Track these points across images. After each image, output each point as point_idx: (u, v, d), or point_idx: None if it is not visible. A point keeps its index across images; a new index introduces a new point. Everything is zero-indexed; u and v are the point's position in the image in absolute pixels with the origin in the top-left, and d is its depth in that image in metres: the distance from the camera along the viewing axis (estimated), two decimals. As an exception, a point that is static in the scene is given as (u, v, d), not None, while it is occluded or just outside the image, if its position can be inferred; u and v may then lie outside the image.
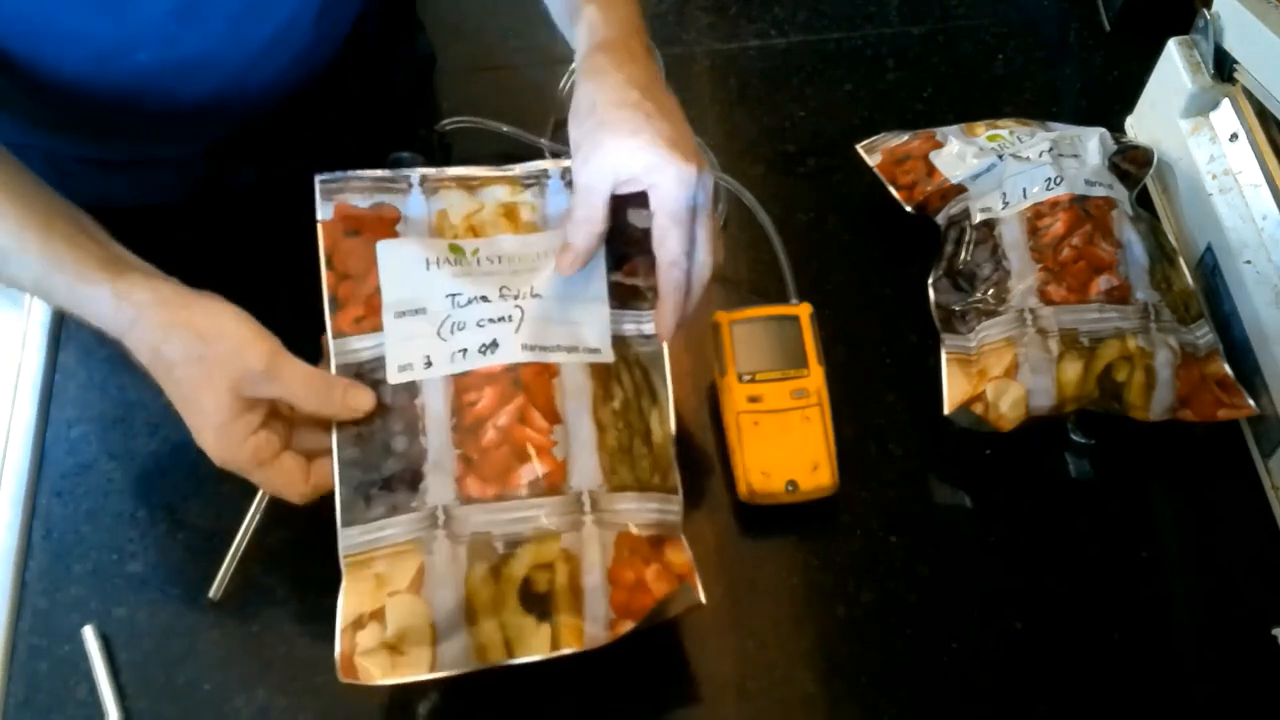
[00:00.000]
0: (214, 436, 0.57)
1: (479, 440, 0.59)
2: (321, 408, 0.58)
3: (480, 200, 0.65)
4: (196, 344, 0.56)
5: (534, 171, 0.66)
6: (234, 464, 0.57)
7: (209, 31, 0.67)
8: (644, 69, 0.62)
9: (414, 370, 0.60)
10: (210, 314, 0.58)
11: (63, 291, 0.58)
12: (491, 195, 0.65)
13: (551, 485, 0.58)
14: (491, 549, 0.57)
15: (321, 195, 0.64)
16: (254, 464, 0.57)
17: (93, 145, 0.74)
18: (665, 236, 0.59)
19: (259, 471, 0.58)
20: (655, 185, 0.59)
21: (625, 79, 0.61)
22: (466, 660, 0.56)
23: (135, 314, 0.57)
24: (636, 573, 0.58)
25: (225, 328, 0.57)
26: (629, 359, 0.63)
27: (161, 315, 0.57)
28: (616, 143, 0.59)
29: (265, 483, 0.59)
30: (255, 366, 0.56)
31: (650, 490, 0.60)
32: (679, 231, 0.59)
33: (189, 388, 0.57)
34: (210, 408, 0.56)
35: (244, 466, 0.57)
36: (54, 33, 0.64)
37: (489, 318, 0.61)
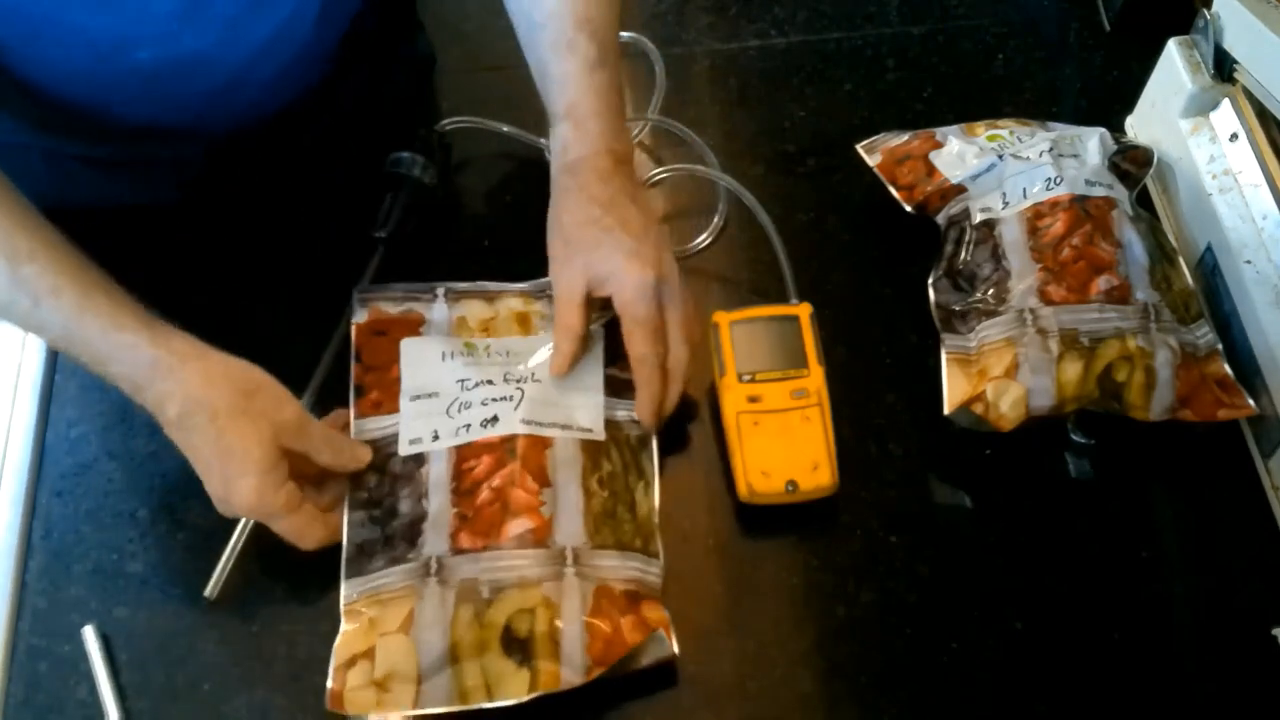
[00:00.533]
0: (256, 482, 0.60)
1: (474, 499, 0.63)
2: (335, 459, 0.64)
3: (496, 309, 0.73)
4: (240, 397, 0.60)
5: (544, 285, 0.73)
6: (267, 509, 0.61)
7: (209, 30, 0.66)
8: (608, 185, 0.67)
9: (423, 444, 0.66)
10: (246, 370, 0.62)
11: (95, 339, 0.59)
12: (506, 305, 0.73)
13: (537, 539, 0.62)
14: (477, 594, 0.61)
15: (358, 303, 0.72)
16: (286, 510, 0.61)
17: (92, 144, 0.74)
18: (631, 336, 0.66)
19: (288, 518, 0.61)
20: (617, 292, 0.65)
21: (589, 198, 0.67)
22: (449, 699, 0.59)
23: (176, 363, 0.59)
24: (613, 623, 0.60)
25: (263, 383, 0.62)
26: (619, 440, 0.68)
27: (204, 366, 0.60)
28: (581, 258, 0.66)
29: (291, 528, 0.62)
30: (291, 419, 0.61)
31: (632, 551, 0.64)
32: (642, 331, 0.65)
33: (233, 436, 0.59)
34: (256, 455, 0.59)
35: (276, 511, 0.61)
36: (54, 31, 0.64)
37: (492, 397, 0.67)
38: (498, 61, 0.86)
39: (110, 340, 0.59)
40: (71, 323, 0.59)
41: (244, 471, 0.59)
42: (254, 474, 0.59)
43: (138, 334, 0.59)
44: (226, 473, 0.60)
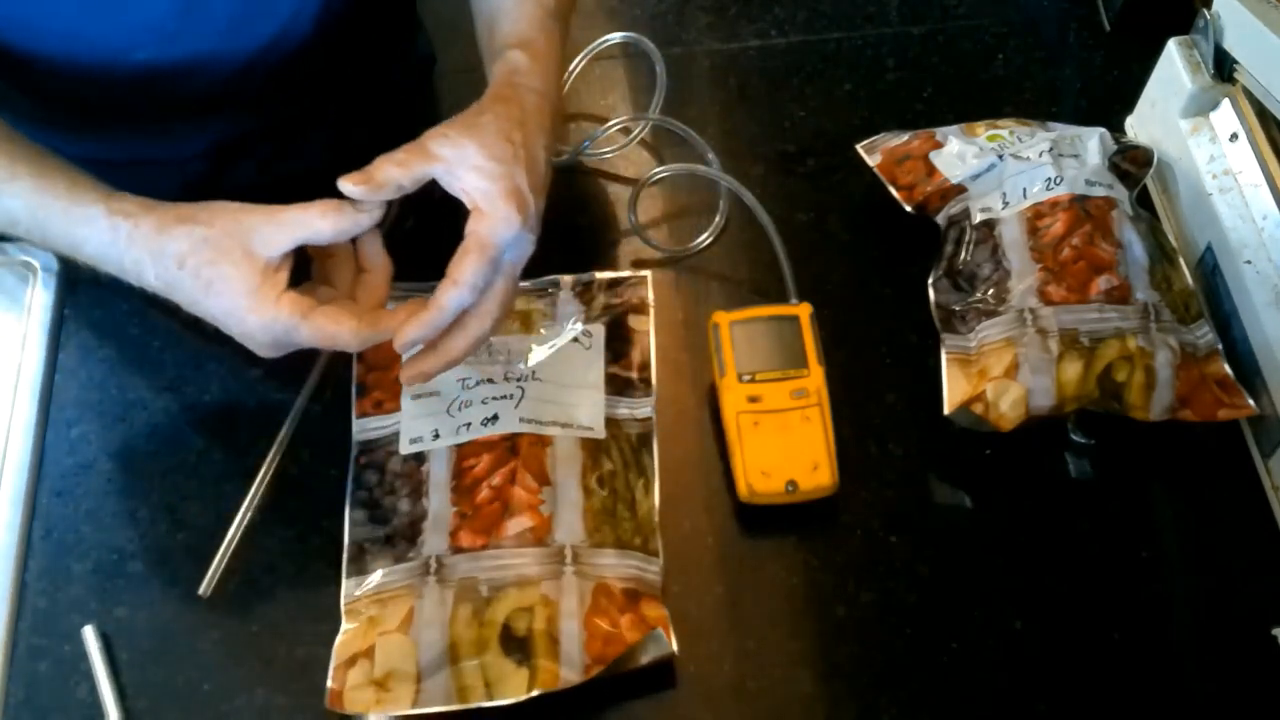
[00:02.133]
0: (249, 304, 0.56)
1: (474, 498, 0.63)
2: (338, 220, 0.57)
3: None
4: (197, 228, 0.57)
5: (545, 283, 0.73)
6: (280, 324, 0.57)
7: (208, 31, 0.67)
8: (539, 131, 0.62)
9: (423, 442, 0.66)
10: (199, 205, 0.58)
11: (57, 219, 0.58)
12: None
13: (537, 537, 0.62)
14: (476, 593, 0.61)
15: None
16: (299, 317, 0.57)
17: (91, 144, 0.74)
18: (463, 259, 0.59)
19: (307, 324, 0.57)
20: (485, 208, 0.59)
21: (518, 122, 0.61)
22: (448, 699, 0.59)
23: (130, 226, 0.57)
24: (612, 621, 0.60)
25: (215, 207, 0.58)
26: (620, 437, 0.68)
27: (155, 218, 0.57)
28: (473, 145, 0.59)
29: (318, 334, 0.58)
30: (258, 220, 0.57)
31: (631, 549, 0.64)
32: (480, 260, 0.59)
33: (207, 271, 0.56)
34: (234, 276, 0.56)
35: (290, 324, 0.57)
36: (52, 31, 0.64)
37: (493, 396, 0.67)
38: (498, 61, 0.86)
39: (71, 216, 0.58)
40: (34, 206, 0.58)
41: (234, 302, 0.57)
42: (242, 297, 0.56)
43: (94, 205, 0.58)
44: (225, 310, 0.57)
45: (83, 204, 0.58)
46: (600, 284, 0.74)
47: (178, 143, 0.75)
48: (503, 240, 0.59)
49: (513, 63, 0.64)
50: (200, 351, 0.73)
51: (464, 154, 0.59)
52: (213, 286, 0.57)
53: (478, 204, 0.60)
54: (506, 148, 0.60)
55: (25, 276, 0.76)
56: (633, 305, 0.73)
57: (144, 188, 0.77)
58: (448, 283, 0.59)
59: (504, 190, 0.59)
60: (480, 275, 0.59)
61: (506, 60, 0.65)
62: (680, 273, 0.77)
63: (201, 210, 0.58)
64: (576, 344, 0.71)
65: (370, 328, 0.59)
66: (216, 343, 0.62)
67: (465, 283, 0.59)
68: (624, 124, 0.82)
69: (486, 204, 0.60)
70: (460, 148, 0.60)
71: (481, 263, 0.59)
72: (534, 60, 0.65)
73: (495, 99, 0.63)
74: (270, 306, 0.57)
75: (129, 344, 0.74)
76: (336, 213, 0.57)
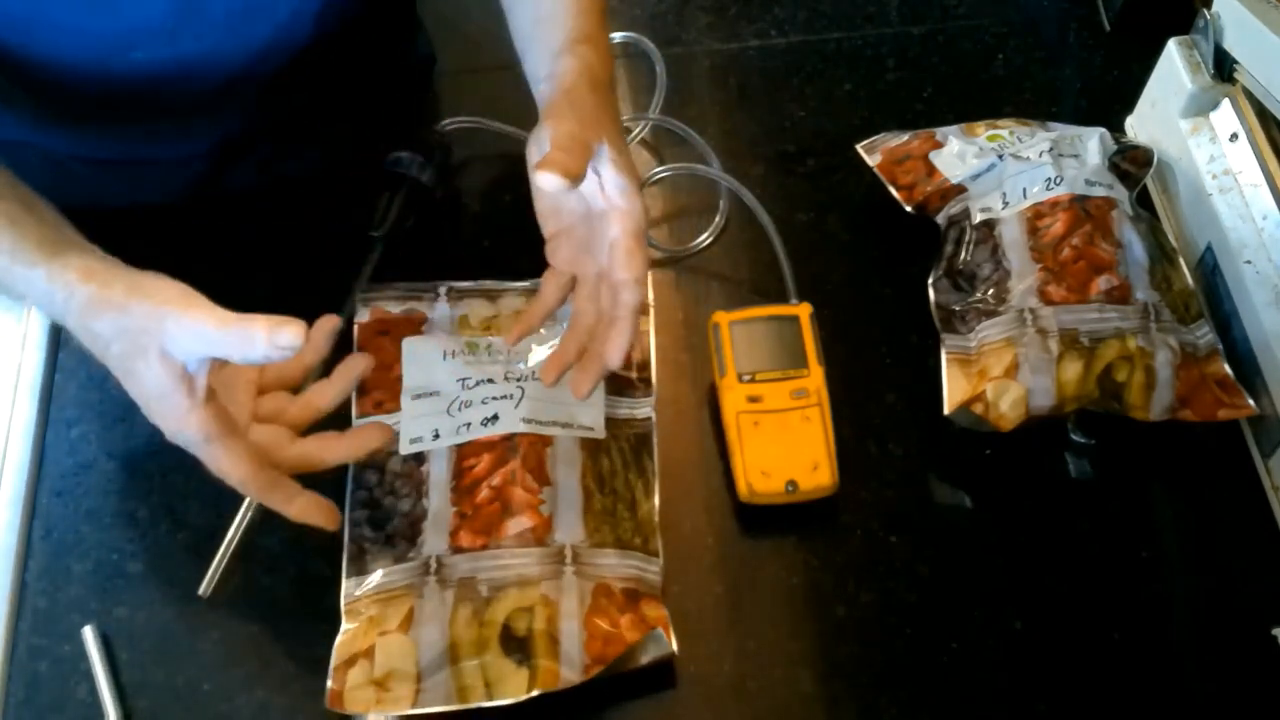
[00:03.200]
0: (157, 407, 0.55)
1: (474, 498, 0.63)
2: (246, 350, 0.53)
3: (498, 307, 0.73)
4: (121, 318, 0.55)
5: None
6: (182, 439, 0.56)
7: (207, 30, 0.66)
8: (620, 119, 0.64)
9: (423, 442, 0.66)
10: (131, 283, 0.55)
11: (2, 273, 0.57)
12: (508, 303, 0.73)
13: (537, 537, 0.62)
14: (476, 592, 0.61)
15: (360, 302, 0.72)
16: (201, 439, 0.56)
17: (91, 144, 0.74)
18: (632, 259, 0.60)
19: (206, 448, 0.56)
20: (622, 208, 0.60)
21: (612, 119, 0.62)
22: (448, 698, 0.59)
23: (67, 295, 0.56)
24: (612, 621, 0.60)
25: (145, 293, 0.55)
26: (620, 437, 0.68)
27: (87, 291, 0.55)
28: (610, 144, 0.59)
29: (212, 462, 0.57)
30: (173, 323, 0.54)
31: (631, 549, 0.64)
32: (645, 254, 0.60)
33: (126, 362, 0.55)
34: (146, 378, 0.55)
35: (191, 441, 0.56)
36: (50, 30, 0.64)
37: (493, 396, 0.67)
38: (498, 61, 0.85)
39: (15, 275, 0.56)
40: None
41: (146, 397, 0.55)
42: (152, 398, 0.55)
43: (34, 268, 0.56)
44: (140, 401, 0.56)
45: (24, 263, 0.56)
46: None
47: (178, 143, 0.75)
48: (645, 233, 0.61)
49: (586, 59, 0.64)
50: (200, 351, 0.73)
51: (602, 148, 0.59)
52: (130, 377, 0.56)
53: (616, 200, 0.60)
54: (623, 144, 0.61)
55: (25, 276, 0.76)
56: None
57: (145, 187, 0.77)
58: (633, 283, 0.60)
59: (635, 184, 0.60)
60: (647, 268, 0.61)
61: (578, 55, 0.64)
62: (680, 273, 0.77)
63: (132, 293, 0.55)
64: None
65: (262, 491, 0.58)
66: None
67: (644, 278, 0.61)
68: (624, 124, 0.82)
69: (626, 200, 0.60)
70: (600, 141, 0.59)
71: (645, 255, 0.60)
72: (603, 59, 0.65)
73: (591, 92, 0.62)
74: (179, 416, 0.55)
75: (129, 344, 0.74)
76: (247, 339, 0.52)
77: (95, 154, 0.75)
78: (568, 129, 0.59)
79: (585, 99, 0.62)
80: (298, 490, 0.59)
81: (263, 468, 0.58)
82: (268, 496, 0.59)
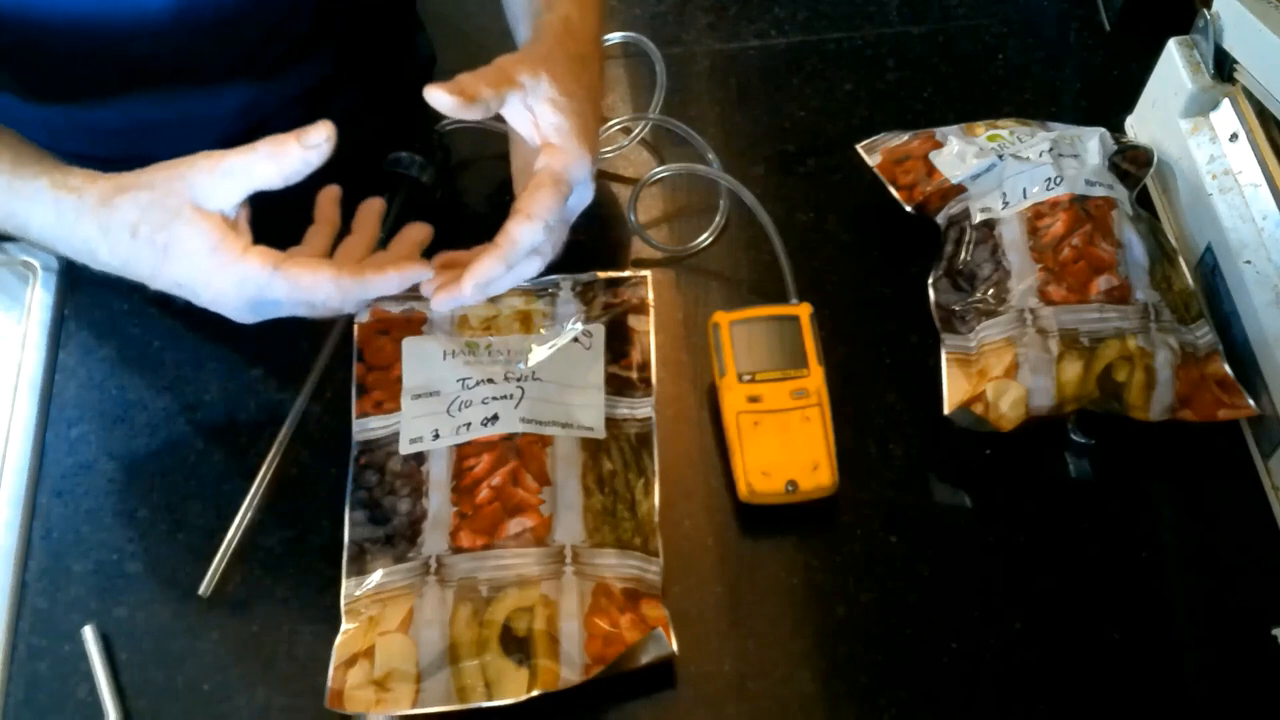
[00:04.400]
0: (213, 262, 0.53)
1: (474, 498, 0.63)
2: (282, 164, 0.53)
3: (498, 307, 0.73)
4: (140, 193, 0.53)
5: (546, 283, 0.73)
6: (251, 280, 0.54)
7: (203, 25, 0.66)
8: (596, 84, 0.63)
9: (423, 442, 0.66)
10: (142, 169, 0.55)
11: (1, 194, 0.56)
12: (508, 303, 0.73)
13: (537, 537, 0.63)
14: (476, 592, 0.61)
15: None
16: (270, 267, 0.53)
17: (91, 142, 0.74)
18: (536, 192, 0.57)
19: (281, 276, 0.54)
20: (555, 147, 0.58)
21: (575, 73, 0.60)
22: (448, 699, 0.59)
23: (75, 200, 0.54)
24: (612, 621, 0.60)
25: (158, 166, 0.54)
26: (620, 437, 0.68)
27: (98, 187, 0.54)
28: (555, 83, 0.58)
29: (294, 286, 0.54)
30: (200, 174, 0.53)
31: (631, 549, 0.64)
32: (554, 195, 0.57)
33: (161, 236, 0.53)
34: (189, 236, 0.53)
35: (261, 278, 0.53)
36: (49, 28, 0.64)
37: (493, 396, 0.67)
38: (498, 61, 0.86)
39: (15, 191, 0.55)
40: None
41: (196, 262, 0.53)
42: (204, 255, 0.53)
43: (36, 179, 0.55)
44: (189, 275, 0.54)
45: (25, 177, 0.55)
46: (600, 284, 0.74)
47: (177, 141, 0.75)
48: (574, 178, 0.58)
49: (565, 12, 0.63)
50: (200, 351, 0.73)
51: (539, 84, 0.58)
52: (170, 251, 0.53)
53: (550, 138, 0.58)
54: (577, 87, 0.59)
55: (25, 276, 0.76)
56: (633, 305, 0.73)
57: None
58: (520, 216, 0.57)
59: (577, 128, 0.58)
60: (553, 212, 0.57)
61: (556, 10, 0.63)
62: (680, 273, 0.77)
63: (144, 173, 0.54)
64: (577, 344, 0.71)
65: (353, 277, 0.55)
66: (216, 343, 0.62)
67: (539, 217, 0.57)
68: (624, 124, 0.82)
69: (560, 139, 0.58)
70: (537, 77, 0.58)
71: (556, 198, 0.57)
72: (583, 11, 0.64)
73: (555, 40, 0.61)
74: (236, 261, 0.53)
75: (129, 344, 0.74)
76: (281, 152, 0.53)
77: (94, 152, 0.75)
78: (499, 60, 0.58)
79: (545, 40, 0.61)
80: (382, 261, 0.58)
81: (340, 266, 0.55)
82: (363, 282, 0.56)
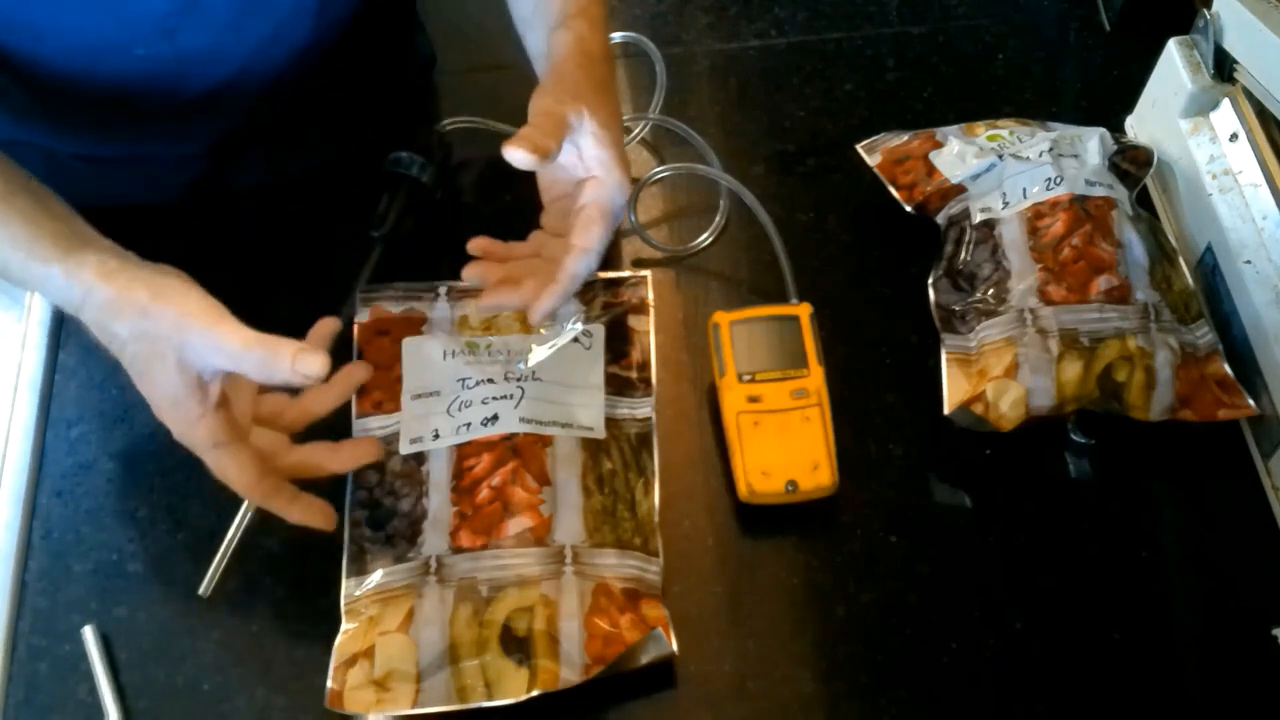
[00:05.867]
0: (169, 411, 0.57)
1: (474, 498, 0.64)
2: (269, 372, 0.55)
3: None
4: (140, 320, 0.55)
5: None
6: (189, 442, 0.57)
7: (207, 28, 0.67)
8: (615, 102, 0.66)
9: (423, 442, 0.66)
10: (154, 288, 0.56)
11: (17, 269, 0.58)
12: None
13: (536, 537, 0.63)
14: (476, 592, 0.61)
15: (360, 303, 0.72)
16: (208, 444, 0.57)
17: (91, 142, 0.74)
18: (591, 227, 0.62)
19: (212, 454, 0.57)
20: (600, 180, 0.63)
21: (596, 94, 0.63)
22: (448, 699, 0.59)
23: (84, 292, 0.56)
24: (612, 621, 0.60)
25: (169, 300, 0.55)
26: (620, 437, 0.68)
27: (107, 293, 0.56)
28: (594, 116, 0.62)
29: (217, 467, 0.58)
30: (196, 336, 0.55)
31: (631, 549, 0.64)
32: (605, 227, 0.62)
33: (141, 364, 0.56)
34: (161, 382, 0.56)
35: (198, 446, 0.57)
36: (49, 27, 0.64)
37: (493, 396, 0.67)
38: (498, 61, 0.86)
39: (31, 271, 0.57)
40: None
41: (158, 400, 0.56)
42: (164, 402, 0.56)
43: (49, 265, 0.56)
44: (152, 403, 0.57)
45: (40, 259, 0.57)
46: (600, 284, 0.74)
47: (177, 140, 0.76)
48: (619, 207, 0.62)
49: (579, 31, 0.65)
50: (200, 351, 0.73)
51: (582, 121, 0.62)
52: (144, 379, 0.57)
53: (594, 171, 0.62)
54: (609, 117, 0.63)
55: (25, 276, 0.76)
56: (633, 305, 0.73)
57: (146, 186, 0.77)
58: (579, 251, 0.61)
59: (618, 158, 0.62)
60: (604, 242, 0.62)
61: (572, 29, 0.65)
62: (680, 273, 0.77)
63: (155, 299, 0.55)
64: (577, 344, 0.71)
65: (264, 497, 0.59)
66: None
67: (594, 250, 0.62)
68: (624, 124, 0.82)
69: (604, 171, 0.62)
70: (579, 114, 0.61)
71: (606, 229, 0.62)
72: (594, 28, 0.66)
73: (579, 68, 0.64)
74: (189, 423, 0.56)
75: (129, 344, 0.74)
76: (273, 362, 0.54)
77: (96, 152, 0.75)
78: (544, 105, 0.61)
79: (572, 73, 0.63)
80: (296, 494, 0.61)
81: (266, 474, 0.59)
82: (269, 502, 0.60)
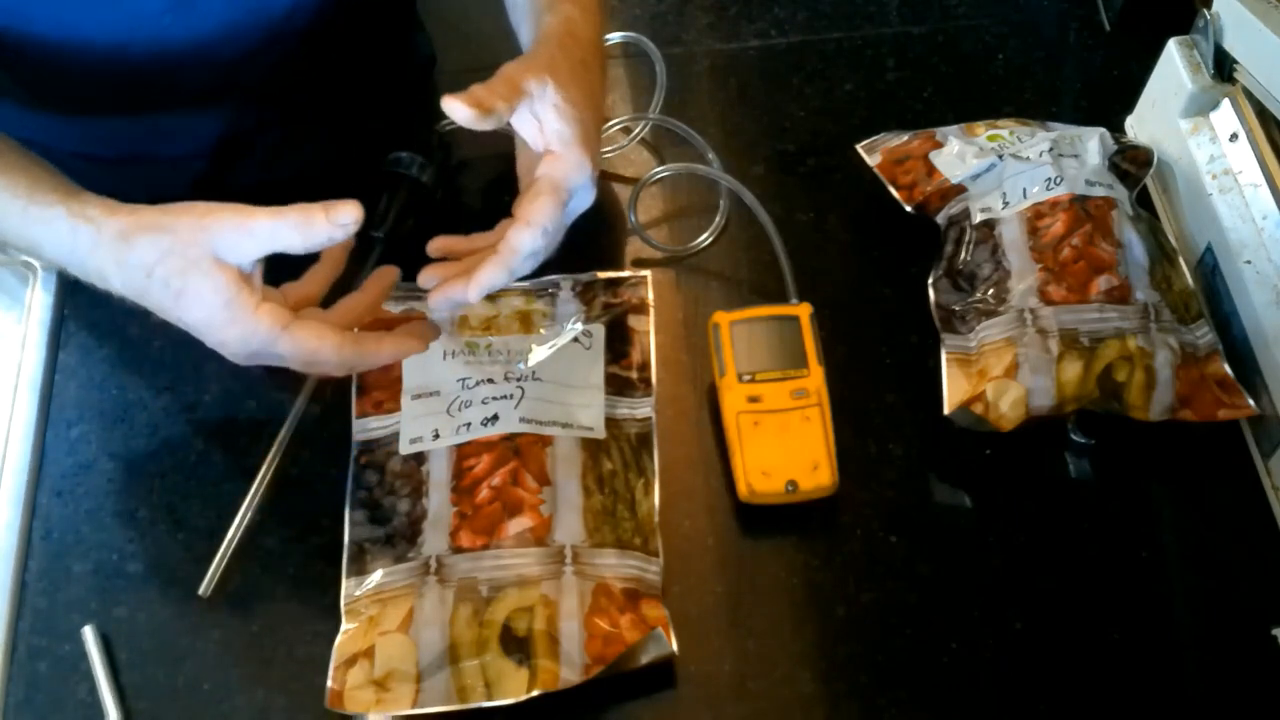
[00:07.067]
0: (226, 315, 0.54)
1: (474, 498, 0.63)
2: (308, 236, 0.54)
3: (498, 307, 0.73)
4: (162, 237, 0.54)
5: (546, 283, 0.74)
6: (257, 338, 0.55)
7: (203, 27, 0.66)
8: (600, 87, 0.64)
9: (423, 442, 0.67)
10: (163, 208, 0.55)
11: (15, 218, 0.56)
12: (508, 303, 0.73)
13: (536, 538, 0.63)
14: (476, 593, 0.61)
15: None
16: (279, 328, 0.55)
17: (90, 141, 0.74)
18: (535, 200, 0.58)
19: (286, 338, 0.55)
20: (556, 154, 0.59)
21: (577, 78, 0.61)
22: (448, 699, 0.59)
23: (92, 231, 0.55)
24: (612, 621, 0.60)
25: (184, 210, 0.54)
26: (620, 437, 0.68)
27: (119, 222, 0.55)
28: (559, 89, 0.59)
29: (299, 348, 0.56)
30: (225, 228, 0.53)
31: (631, 549, 0.64)
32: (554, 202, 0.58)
33: (176, 281, 0.54)
34: (206, 289, 0.54)
35: (269, 336, 0.55)
36: (47, 22, 0.64)
37: (493, 396, 0.67)
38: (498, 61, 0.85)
39: (30, 216, 0.55)
40: None
41: (209, 314, 0.54)
42: (217, 310, 0.54)
43: (53, 207, 0.55)
44: (199, 320, 0.55)
45: (42, 203, 0.55)
46: (600, 284, 0.74)
47: (176, 140, 0.75)
48: (573, 185, 0.59)
49: (566, 14, 0.64)
50: (200, 351, 0.72)
51: (545, 91, 0.59)
52: (183, 297, 0.55)
53: (552, 146, 0.59)
54: (579, 93, 0.60)
55: (25, 276, 0.76)
56: (633, 305, 0.73)
57: (146, 186, 0.77)
58: (520, 224, 0.58)
59: (579, 134, 0.59)
60: (552, 218, 0.58)
61: (559, 12, 0.64)
62: (680, 273, 0.77)
63: (166, 215, 0.55)
64: (577, 344, 0.71)
65: (354, 346, 0.57)
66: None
67: (538, 224, 0.58)
68: (624, 124, 0.82)
69: (561, 146, 0.59)
70: (543, 84, 0.59)
71: (555, 205, 0.58)
72: (584, 13, 0.65)
73: (558, 45, 0.62)
74: (248, 317, 0.55)
75: (129, 344, 0.74)
76: (308, 224, 0.54)
77: (96, 152, 0.75)
78: (507, 69, 0.59)
79: (549, 47, 0.62)
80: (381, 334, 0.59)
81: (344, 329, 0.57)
82: (362, 349, 0.58)
